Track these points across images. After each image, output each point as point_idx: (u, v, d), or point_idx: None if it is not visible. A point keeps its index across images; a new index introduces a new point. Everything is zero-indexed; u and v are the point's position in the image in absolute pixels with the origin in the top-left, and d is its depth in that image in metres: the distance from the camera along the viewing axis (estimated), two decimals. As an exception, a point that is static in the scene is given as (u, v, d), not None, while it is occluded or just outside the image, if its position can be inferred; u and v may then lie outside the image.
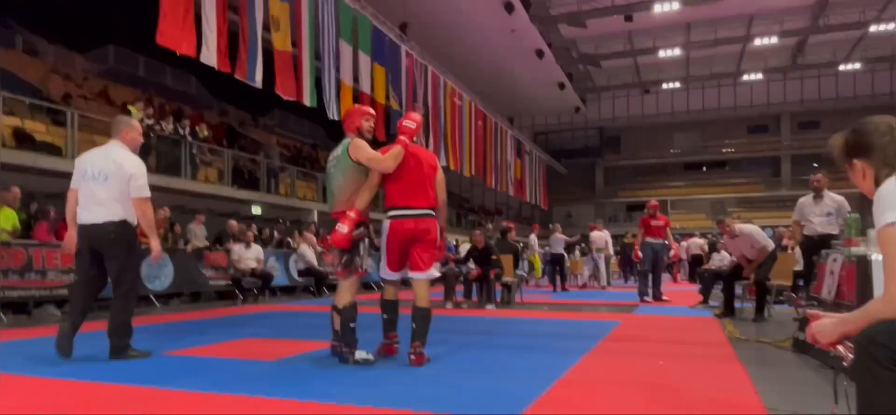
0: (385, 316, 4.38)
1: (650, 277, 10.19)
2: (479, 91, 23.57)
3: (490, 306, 8.87)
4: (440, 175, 4.30)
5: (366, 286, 12.82)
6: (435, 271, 4.23)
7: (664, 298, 10.16)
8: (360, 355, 4.05)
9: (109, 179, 4.26)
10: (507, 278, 9.48)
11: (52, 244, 7.95)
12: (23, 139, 10.13)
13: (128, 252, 4.29)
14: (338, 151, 4.16)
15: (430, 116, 18.15)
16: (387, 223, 4.17)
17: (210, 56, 9.85)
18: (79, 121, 11.24)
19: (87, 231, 4.27)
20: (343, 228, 3.96)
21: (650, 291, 10.17)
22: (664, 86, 39.80)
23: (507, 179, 25.85)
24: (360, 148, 4.04)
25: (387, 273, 4.26)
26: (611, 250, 15.63)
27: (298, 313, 8.41)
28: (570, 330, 6.32)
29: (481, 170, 22.55)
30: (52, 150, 10.55)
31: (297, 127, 29.94)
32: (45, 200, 10.01)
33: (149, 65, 22.84)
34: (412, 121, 4.09)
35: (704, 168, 43.18)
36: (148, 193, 4.36)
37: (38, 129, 11.02)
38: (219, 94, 25.82)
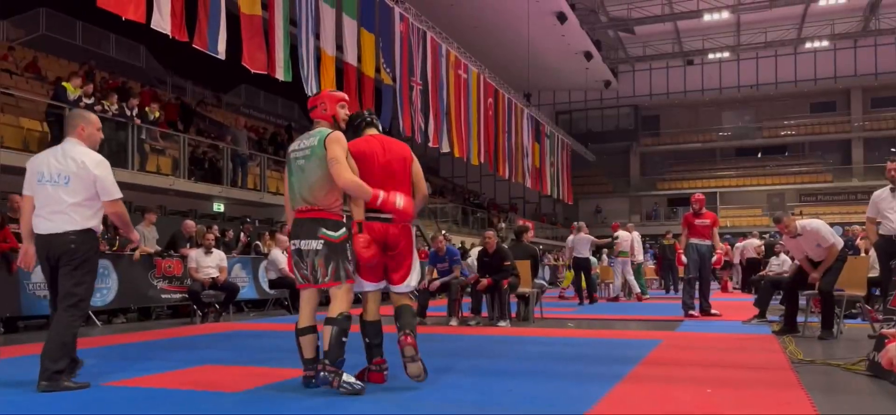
0: (367, 340, 4.38)
1: (696, 286, 10.13)
2: (489, 62, 23.51)
3: (503, 323, 8.83)
4: (416, 167, 4.42)
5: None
6: (414, 282, 4.41)
7: (713, 311, 10.11)
8: (347, 379, 4.02)
9: (72, 182, 4.35)
10: (524, 289, 9.41)
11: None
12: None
13: (85, 264, 4.39)
14: (310, 140, 4.21)
15: (430, 91, 18.10)
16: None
17: (163, 22, 9.82)
18: (2, 100, 11.19)
19: (44, 242, 4.36)
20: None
21: (697, 303, 10.11)
22: (710, 56, 39.70)
23: (524, 167, 25.81)
24: (339, 144, 4.12)
25: (365, 285, 4.32)
26: (639, 255, 15.52)
27: (269, 333, 8.35)
28: (600, 351, 6.27)
29: (492, 157, 22.50)
30: (-30, 135, 10.54)
31: (268, 106, 29.96)
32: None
33: (88, 32, 22.85)
34: (393, 207, 4.15)
35: (759, 154, 43.13)
36: (119, 194, 4.53)
37: (-47, 111, 11.00)
38: (173, 67, 25.83)
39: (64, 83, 11.82)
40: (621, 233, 15.06)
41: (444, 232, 22.27)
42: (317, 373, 4.09)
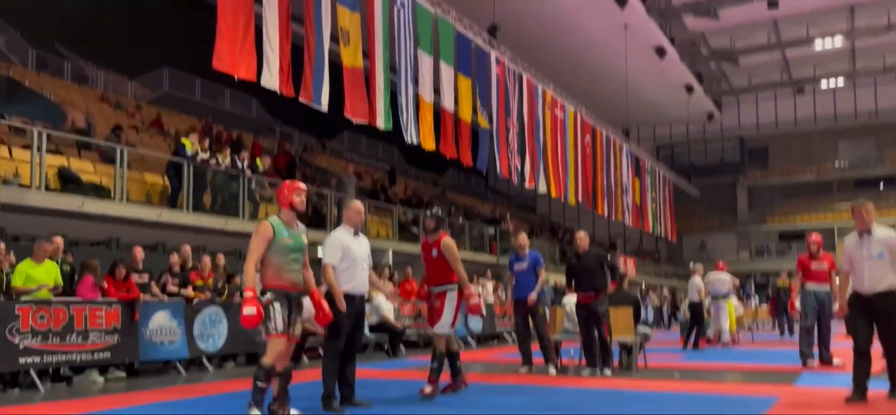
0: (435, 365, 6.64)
1: (816, 333, 9.40)
2: (586, 99, 23.19)
3: (607, 372, 8.38)
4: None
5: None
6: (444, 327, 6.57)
7: (835, 360, 9.32)
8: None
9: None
10: (626, 338, 9.01)
11: (96, 302, 8.39)
12: (68, 181, 10.89)
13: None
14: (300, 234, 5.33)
15: (527, 132, 18.00)
16: (455, 294, 6.63)
17: (272, 79, 10.32)
18: (129, 157, 11.96)
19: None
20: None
21: (815, 352, 9.38)
22: (823, 84, 37.58)
23: (623, 204, 25.13)
24: (255, 235, 5.24)
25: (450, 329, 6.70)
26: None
27: (367, 381, 8.18)
28: (704, 409, 5.82)
29: (590, 195, 22.05)
30: (100, 191, 11.27)
31: (370, 151, 30.75)
32: (90, 250, 10.67)
33: (206, 88, 24.31)
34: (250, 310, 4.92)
35: (881, 185, 40.12)
36: (325, 261, 5.90)
37: (86, 168, 11.83)
38: (282, 117, 27.02)
39: (183, 139, 12.54)
40: (725, 275, 14.32)
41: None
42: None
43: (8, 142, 11.56)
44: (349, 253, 5.92)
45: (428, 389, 6.47)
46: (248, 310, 4.82)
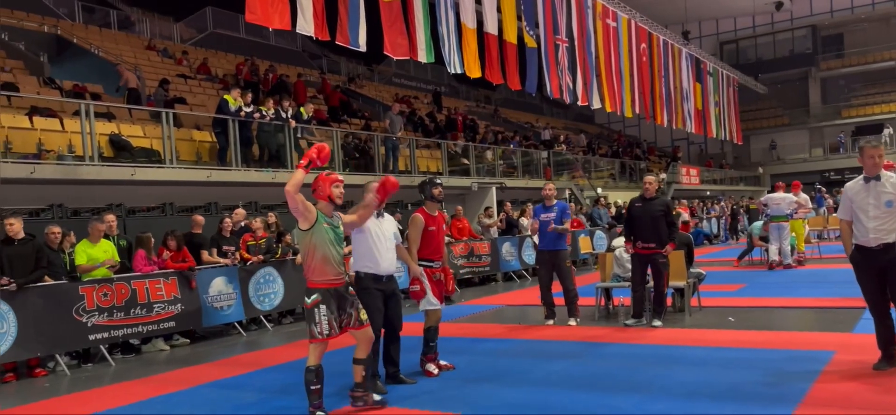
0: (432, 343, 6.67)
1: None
2: (640, 3, 22.21)
3: (657, 323, 8.31)
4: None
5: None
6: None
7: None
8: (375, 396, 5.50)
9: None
10: (678, 283, 8.93)
11: (153, 275, 8.81)
12: (120, 148, 11.26)
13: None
14: (338, 224, 5.28)
15: (577, 47, 17.55)
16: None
17: (307, 25, 10.51)
18: (178, 114, 12.23)
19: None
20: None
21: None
22: (905, -43, 34.96)
23: (684, 112, 24.45)
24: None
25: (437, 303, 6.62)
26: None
27: (414, 339, 8.25)
28: (759, 382, 5.66)
29: (648, 106, 21.51)
30: (151, 156, 11.63)
31: (419, 72, 30.50)
32: (146, 217, 11.13)
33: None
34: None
35: (971, 67, 37.71)
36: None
37: (136, 132, 12.18)
38: (328, 46, 26.96)
39: (225, 96, 12.73)
40: (789, 196, 14.06)
41: (600, 194, 21.69)
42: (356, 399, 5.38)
43: (60, 112, 11.97)
44: (367, 234, 5.85)
45: (435, 369, 6.53)
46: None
